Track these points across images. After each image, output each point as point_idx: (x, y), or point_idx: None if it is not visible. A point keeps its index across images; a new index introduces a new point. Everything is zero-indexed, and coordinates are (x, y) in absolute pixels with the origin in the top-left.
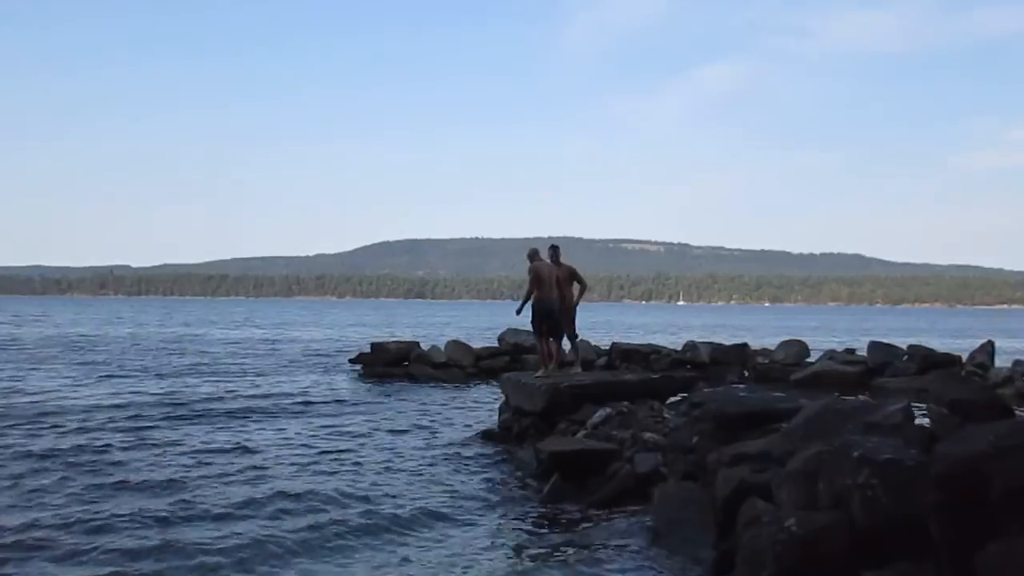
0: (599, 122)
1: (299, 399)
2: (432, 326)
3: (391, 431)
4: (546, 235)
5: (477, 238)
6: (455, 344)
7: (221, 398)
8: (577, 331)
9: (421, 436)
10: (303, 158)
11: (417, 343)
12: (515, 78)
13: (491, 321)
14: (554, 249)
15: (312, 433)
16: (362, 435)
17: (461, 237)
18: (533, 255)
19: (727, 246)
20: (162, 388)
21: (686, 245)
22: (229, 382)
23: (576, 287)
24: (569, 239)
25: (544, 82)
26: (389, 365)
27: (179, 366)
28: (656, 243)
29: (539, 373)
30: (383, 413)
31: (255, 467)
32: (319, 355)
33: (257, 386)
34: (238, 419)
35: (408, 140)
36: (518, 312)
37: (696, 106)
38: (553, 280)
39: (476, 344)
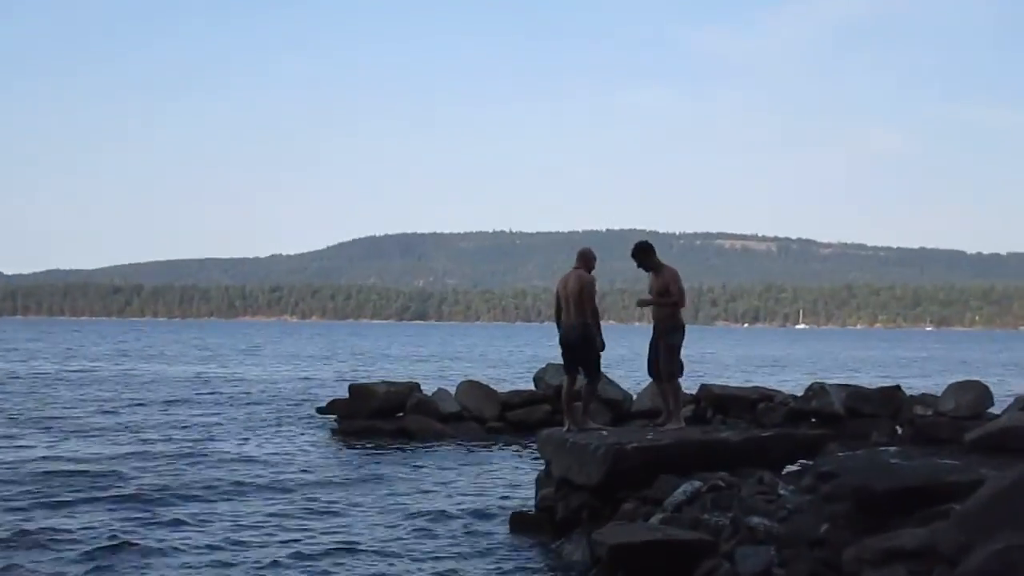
0: (674, 64)
1: (235, 476)
2: (437, 360)
3: (378, 523)
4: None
5: (503, 232)
6: (471, 386)
7: (108, 474)
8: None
9: (421, 526)
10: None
11: (416, 385)
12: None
13: (523, 353)
14: (584, 258)
15: (256, 537)
16: (333, 532)
17: (479, 231)
18: (587, 258)
19: (869, 243)
20: (38, 452)
21: (810, 242)
22: (117, 443)
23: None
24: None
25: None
26: (375, 417)
27: (56, 418)
28: (765, 239)
29: (590, 425)
30: (366, 492)
31: None
32: (272, 403)
33: (165, 454)
34: (135, 504)
35: (401, 93)
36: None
37: (817, 38)
38: (572, 294)
39: (502, 387)
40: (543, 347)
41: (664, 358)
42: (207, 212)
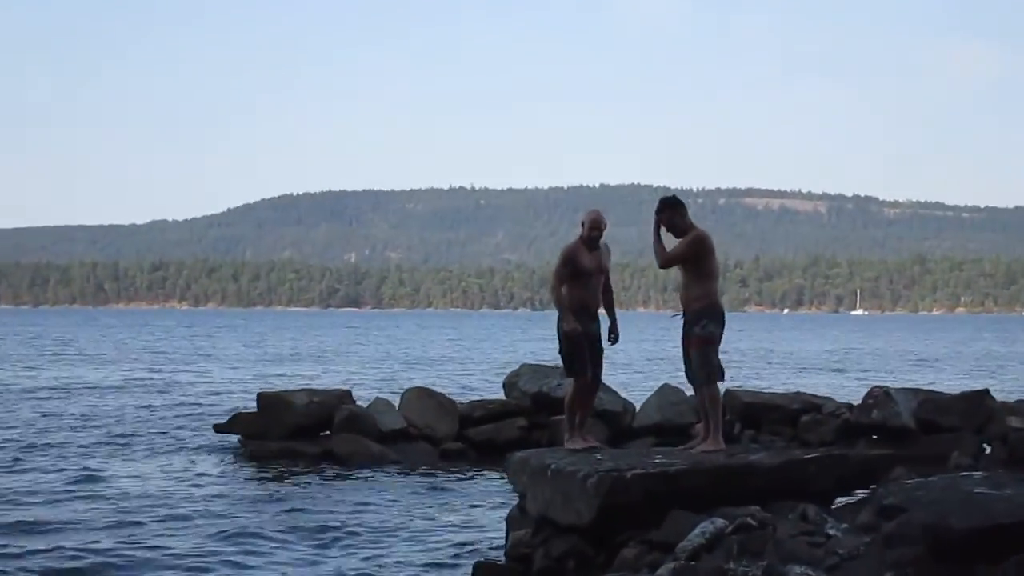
0: None
1: (75, 535)
2: (376, 360)
3: None
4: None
5: (462, 190)
6: (421, 395)
7: None
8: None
9: None
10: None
11: (347, 393)
12: None
13: (491, 350)
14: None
15: None
16: None
17: (431, 188)
18: (595, 225)
19: (949, 201)
20: None
21: (870, 200)
22: None
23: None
24: (636, 190)
25: None
26: (293, 437)
27: None
28: (811, 196)
29: (574, 445)
30: (281, 542)
31: None
32: (157, 418)
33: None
34: None
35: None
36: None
37: None
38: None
39: (462, 395)
40: (517, 342)
41: (696, 355)
42: (68, 166)
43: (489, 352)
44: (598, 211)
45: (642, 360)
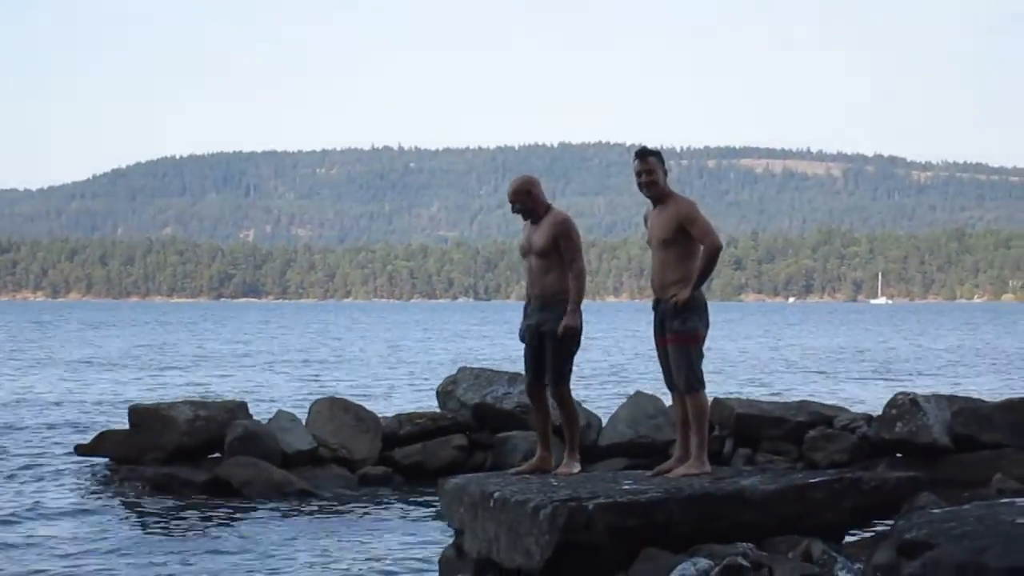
0: None
1: None
2: (277, 363)
3: None
4: (550, 141)
5: (387, 150)
6: (334, 408)
7: None
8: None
9: None
10: None
11: (242, 406)
12: None
13: (422, 348)
14: (522, 203)
15: None
16: None
17: (349, 148)
18: (532, 187)
19: (993, 162)
20: None
21: (897, 161)
22: None
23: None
24: (604, 149)
25: None
26: (174, 460)
27: None
28: (823, 157)
29: (520, 468)
30: None
31: None
32: (1, 436)
33: None
34: None
35: None
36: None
37: None
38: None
39: (385, 407)
40: (455, 338)
41: (675, 356)
42: None
43: (420, 353)
44: (517, 177)
45: (610, 362)
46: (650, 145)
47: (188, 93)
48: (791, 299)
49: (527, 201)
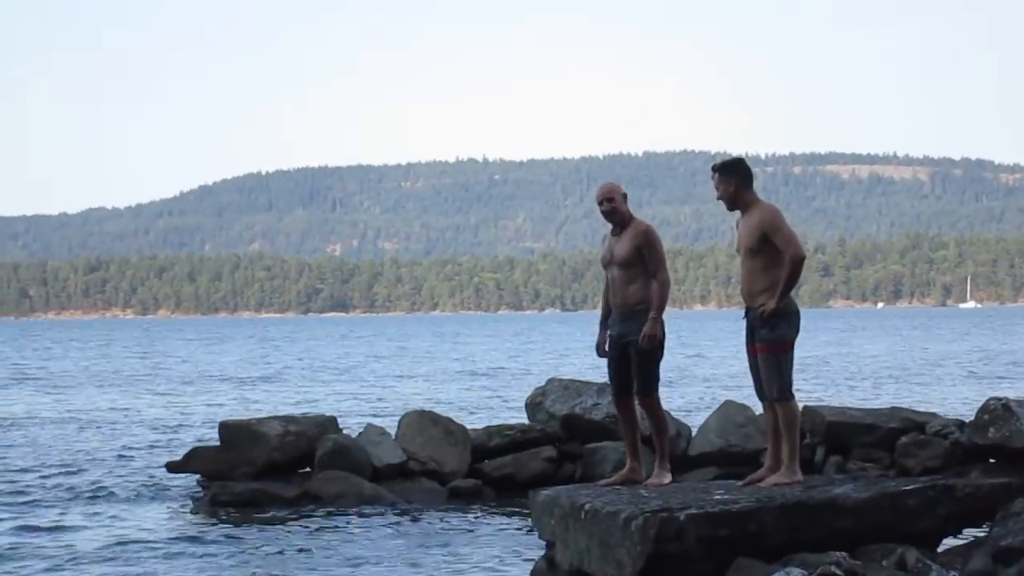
0: None
1: None
2: (367, 377)
3: None
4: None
5: (473, 162)
6: (423, 421)
7: None
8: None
9: None
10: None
11: (332, 420)
12: None
13: (511, 360)
14: (609, 202)
15: None
16: None
17: (434, 161)
18: (623, 193)
19: None
20: None
21: (985, 164)
22: None
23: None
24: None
25: None
26: (266, 475)
27: None
28: (910, 161)
29: (610, 479)
30: None
31: None
32: (97, 455)
33: None
34: None
35: None
36: None
37: None
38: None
39: (474, 420)
40: (545, 351)
41: (765, 364)
42: None
43: (509, 364)
44: (605, 184)
45: (699, 371)
46: (734, 152)
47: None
48: (880, 304)
49: (620, 205)
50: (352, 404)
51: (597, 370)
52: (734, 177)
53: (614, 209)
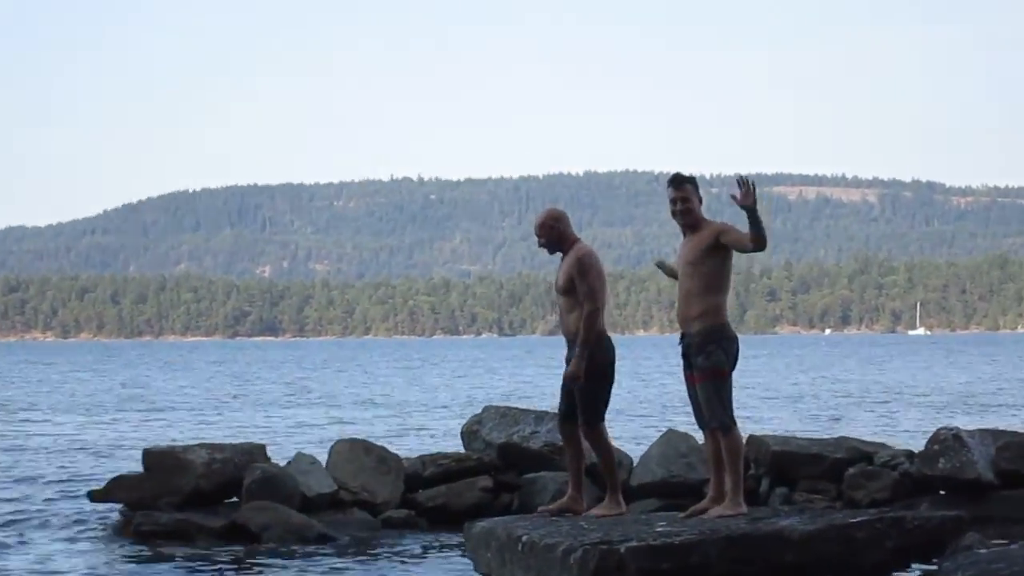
0: None
1: None
2: (294, 405)
3: None
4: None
5: (407, 181)
6: (354, 450)
7: None
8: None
9: None
10: None
11: (260, 449)
12: None
13: (445, 386)
14: (538, 237)
15: None
16: None
17: (367, 180)
18: (555, 222)
19: None
20: None
21: (934, 187)
22: None
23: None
24: (632, 177)
25: None
26: (190, 506)
27: None
28: (859, 183)
29: (549, 506)
30: None
31: None
32: (15, 484)
33: None
34: None
35: None
36: None
37: None
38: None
39: (407, 447)
40: (483, 378)
41: (704, 394)
42: None
43: (443, 391)
44: (543, 211)
45: (640, 398)
46: (680, 169)
47: (200, 125)
48: (827, 331)
49: (550, 235)
50: (282, 432)
51: (536, 399)
52: (698, 195)
53: (549, 243)
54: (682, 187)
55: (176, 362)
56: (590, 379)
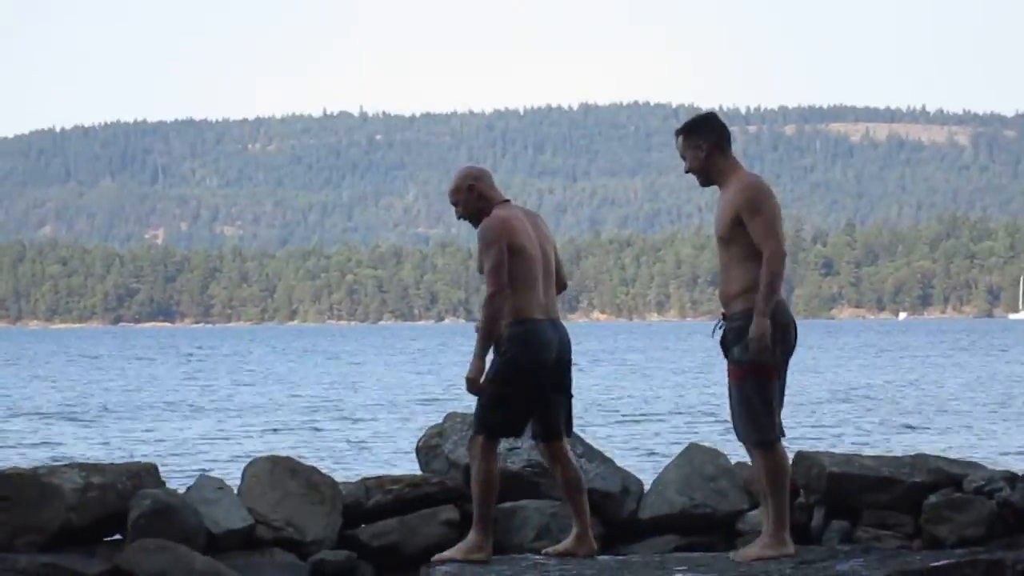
0: None
1: None
2: (194, 412)
3: None
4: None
5: (346, 116)
6: (276, 471)
7: None
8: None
9: None
10: None
11: (151, 468)
12: None
13: (396, 386)
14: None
15: None
16: None
17: (293, 114)
18: (475, 181)
19: None
20: None
21: None
22: None
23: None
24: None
25: None
26: (56, 547)
27: None
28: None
29: (555, 548)
30: None
31: None
32: None
33: None
34: None
35: None
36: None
37: None
38: (551, 257)
39: (346, 471)
40: (444, 374)
41: (739, 396)
42: None
43: (395, 392)
44: (458, 170)
45: (651, 403)
46: (703, 106)
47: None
48: (902, 315)
49: (467, 200)
50: (179, 447)
51: None
52: (704, 140)
53: (468, 212)
54: (678, 140)
55: (38, 356)
56: (494, 379)
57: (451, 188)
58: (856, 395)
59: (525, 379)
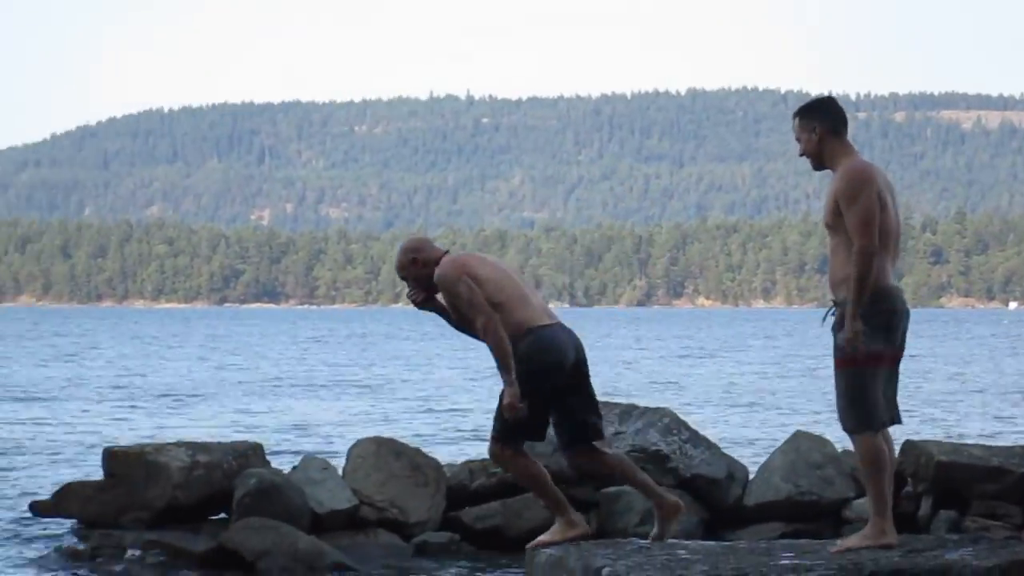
0: None
1: None
2: (301, 392)
3: None
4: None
5: (452, 99)
6: (381, 451)
7: None
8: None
9: None
10: None
11: (256, 448)
12: None
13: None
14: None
15: None
16: None
17: (399, 97)
18: (416, 254)
19: None
20: None
21: None
22: None
23: None
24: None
25: None
26: (165, 521)
27: None
28: None
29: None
30: None
31: None
32: None
33: None
34: None
35: None
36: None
37: None
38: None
39: (448, 452)
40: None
41: (840, 383)
42: None
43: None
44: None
45: (757, 389)
46: (814, 92)
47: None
48: (1013, 304)
49: (417, 273)
50: (285, 428)
51: (621, 388)
52: (819, 123)
53: (414, 283)
54: (795, 122)
55: (146, 335)
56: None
57: (396, 267)
58: (966, 383)
59: (543, 383)
